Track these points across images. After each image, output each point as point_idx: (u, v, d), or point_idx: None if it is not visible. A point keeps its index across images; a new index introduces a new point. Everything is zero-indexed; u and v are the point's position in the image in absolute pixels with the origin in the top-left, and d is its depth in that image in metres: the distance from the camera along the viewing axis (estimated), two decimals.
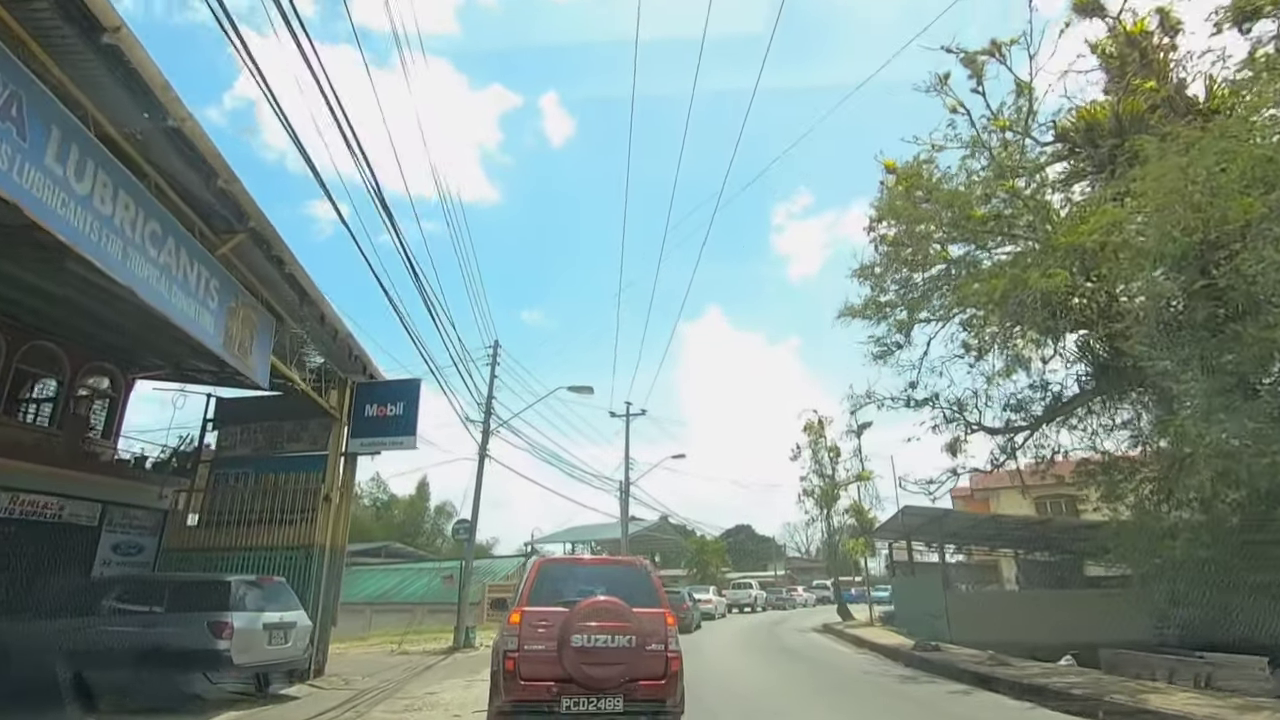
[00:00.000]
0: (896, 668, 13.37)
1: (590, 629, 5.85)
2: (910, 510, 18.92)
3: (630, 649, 5.84)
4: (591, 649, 5.78)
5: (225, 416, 12.82)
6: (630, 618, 5.93)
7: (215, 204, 6.60)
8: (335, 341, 10.23)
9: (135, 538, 11.58)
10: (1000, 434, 14.90)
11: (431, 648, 17.43)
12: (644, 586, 6.61)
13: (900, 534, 23.54)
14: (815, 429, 28.43)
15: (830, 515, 27.68)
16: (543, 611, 6.09)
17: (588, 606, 5.96)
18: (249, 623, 8.06)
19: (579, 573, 7.21)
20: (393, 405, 11.42)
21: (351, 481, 11.94)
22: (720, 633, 24.19)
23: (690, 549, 50.25)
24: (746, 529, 76.63)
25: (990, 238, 14.72)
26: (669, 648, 6.09)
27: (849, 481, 27.22)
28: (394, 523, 56.72)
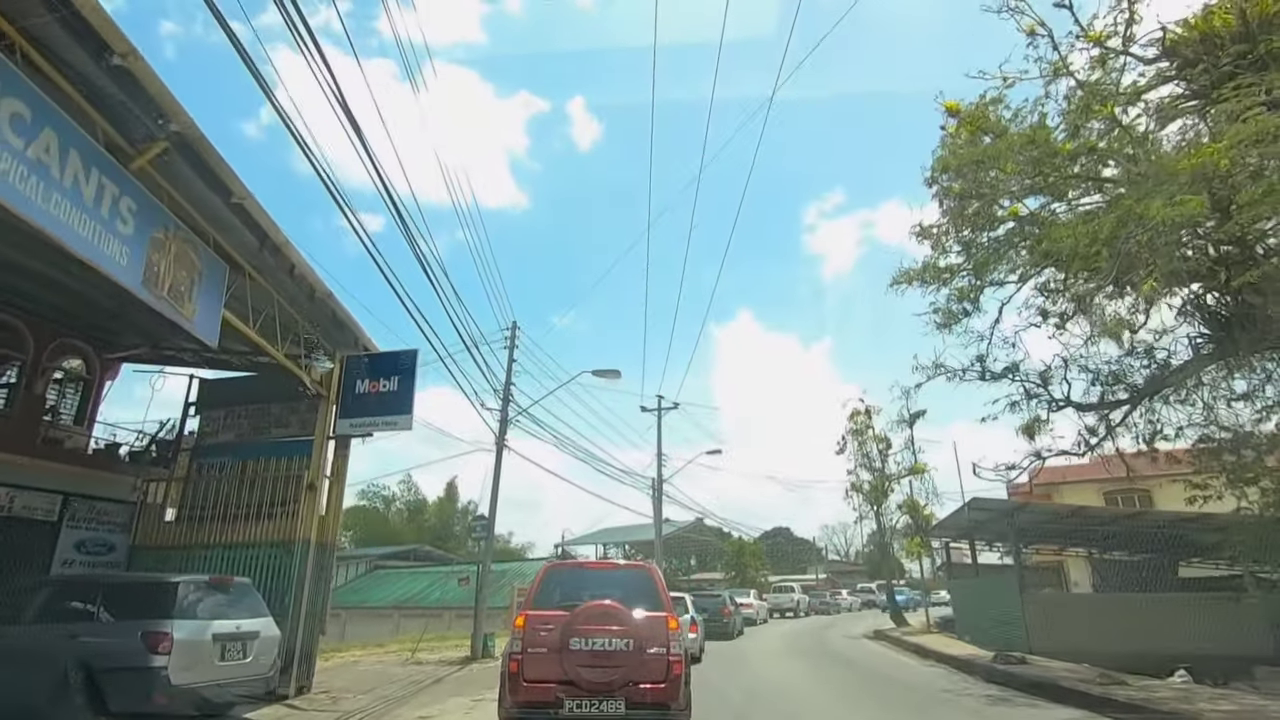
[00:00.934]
0: (977, 684, 11.37)
1: (588, 632, 5.92)
2: (978, 504, 16.80)
3: (628, 652, 5.87)
4: (589, 652, 5.87)
5: (208, 400, 11.49)
6: (628, 621, 6.00)
7: (116, 92, 5.09)
8: (313, 302, 8.74)
9: (105, 534, 10.27)
10: (1092, 410, 12.77)
11: (449, 656, 15.93)
12: (647, 590, 6.62)
13: (961, 532, 21.34)
14: (862, 418, 26.30)
15: (881, 512, 25.51)
16: (546, 615, 6.18)
17: (586, 610, 6.03)
18: (194, 633, 6.56)
19: (584, 577, 7.20)
20: (386, 380, 9.91)
21: (344, 469, 10.45)
22: (764, 639, 22.27)
23: (728, 551, 48.18)
24: (784, 531, 74.57)
25: (1074, 185, 12.65)
26: (670, 651, 6.05)
27: (901, 475, 25.03)
28: (425, 526, 55.88)
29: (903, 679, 12.44)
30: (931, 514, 23.26)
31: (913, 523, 23.73)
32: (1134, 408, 12.38)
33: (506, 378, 16.95)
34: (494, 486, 16.10)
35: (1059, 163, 11.56)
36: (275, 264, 7.80)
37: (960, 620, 21.69)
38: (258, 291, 8.06)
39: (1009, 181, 12.47)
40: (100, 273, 5.42)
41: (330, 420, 9.96)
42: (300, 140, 6.25)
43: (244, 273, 7.64)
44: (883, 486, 25.47)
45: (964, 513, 17.32)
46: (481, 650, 14.96)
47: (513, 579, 36.19)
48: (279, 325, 8.54)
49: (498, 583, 36.60)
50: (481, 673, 13.08)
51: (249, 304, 7.88)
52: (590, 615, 6.00)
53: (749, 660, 15.52)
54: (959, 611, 22.27)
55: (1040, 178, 12.42)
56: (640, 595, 6.49)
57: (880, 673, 13.31)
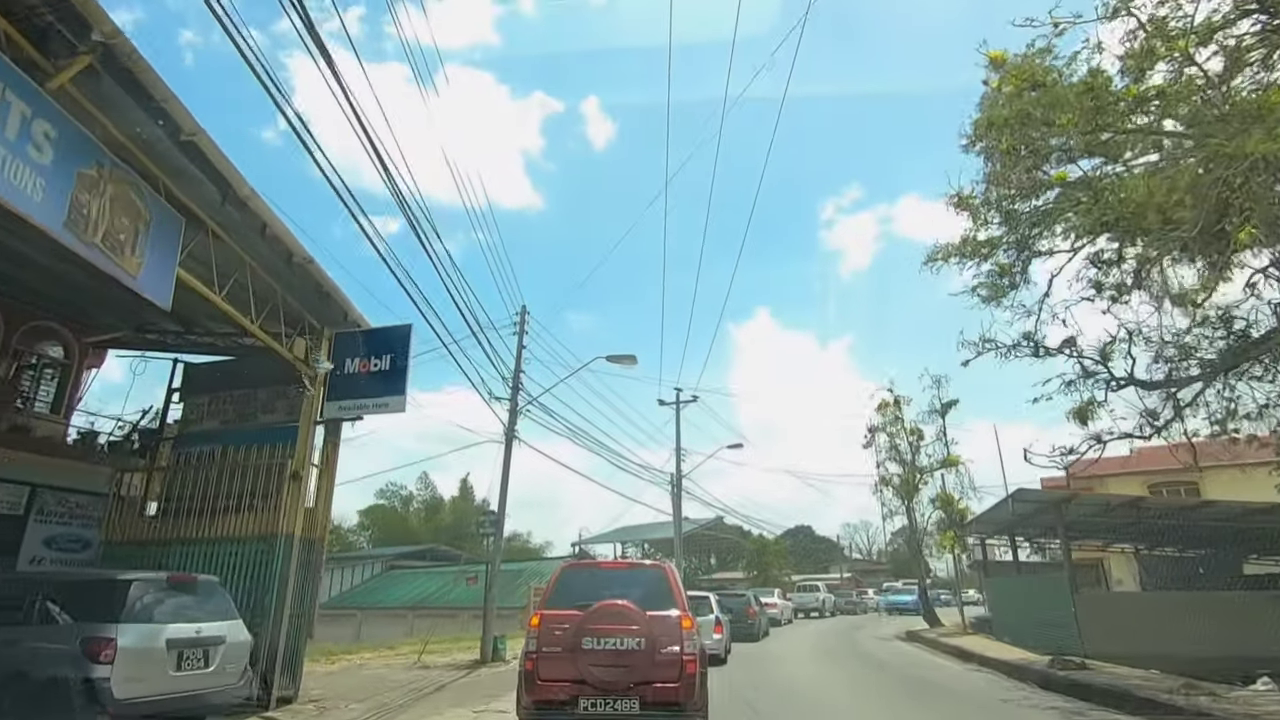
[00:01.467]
0: (1036, 693, 10.21)
1: (600, 631, 5.93)
2: (1024, 496, 15.58)
3: (640, 651, 5.85)
4: (600, 651, 5.88)
5: (193, 386, 10.67)
6: (640, 621, 5.95)
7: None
8: (291, 268, 7.83)
9: (78, 530, 9.49)
10: (1159, 389, 11.54)
11: (457, 660, 15.05)
12: (662, 589, 6.60)
13: (1000, 527, 20.07)
14: (891, 409, 25.05)
15: (912, 507, 24.23)
16: (561, 614, 6.20)
17: (598, 610, 6.01)
18: (143, 639, 5.67)
19: (599, 577, 7.19)
20: (377, 358, 9.00)
21: (334, 456, 9.57)
22: (791, 641, 21.16)
23: (750, 549, 47.00)
24: (806, 530, 73.21)
25: (1134, 142, 11.44)
26: (684, 650, 6.02)
27: (934, 468, 23.75)
28: (442, 525, 55.32)
29: (950, 686, 11.31)
30: (967, 508, 22.00)
31: (946, 518, 22.45)
32: (1207, 385, 11.15)
33: (516, 365, 16.03)
34: (503, 480, 15.20)
35: (1121, 110, 10.37)
36: (243, 221, 6.89)
37: (998, 621, 20.49)
38: (225, 254, 7.17)
39: (1062, 137, 11.27)
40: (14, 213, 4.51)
41: (317, 403, 9.06)
42: (300, 135, 5.51)
43: (206, 230, 6.74)
44: (913, 480, 24.21)
45: (1007, 506, 16.11)
46: (491, 653, 14.04)
47: (529, 578, 35.33)
48: (253, 294, 7.63)
49: (514, 582, 35.80)
50: (490, 679, 12.16)
51: (214, 267, 6.98)
52: (602, 615, 5.99)
53: (778, 664, 14.45)
54: (997, 611, 21.05)
55: (1095, 133, 11.23)
56: (655, 595, 6.48)
57: (923, 679, 12.18)
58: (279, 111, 5.74)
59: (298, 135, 6.01)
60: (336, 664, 16.77)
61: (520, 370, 16.03)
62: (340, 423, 9.71)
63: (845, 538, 79.29)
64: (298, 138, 6.02)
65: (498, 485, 15.21)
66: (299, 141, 6.00)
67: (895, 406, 25.11)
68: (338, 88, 6.01)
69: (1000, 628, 20.00)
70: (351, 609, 38.08)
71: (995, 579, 22.74)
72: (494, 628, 18.00)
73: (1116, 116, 10.57)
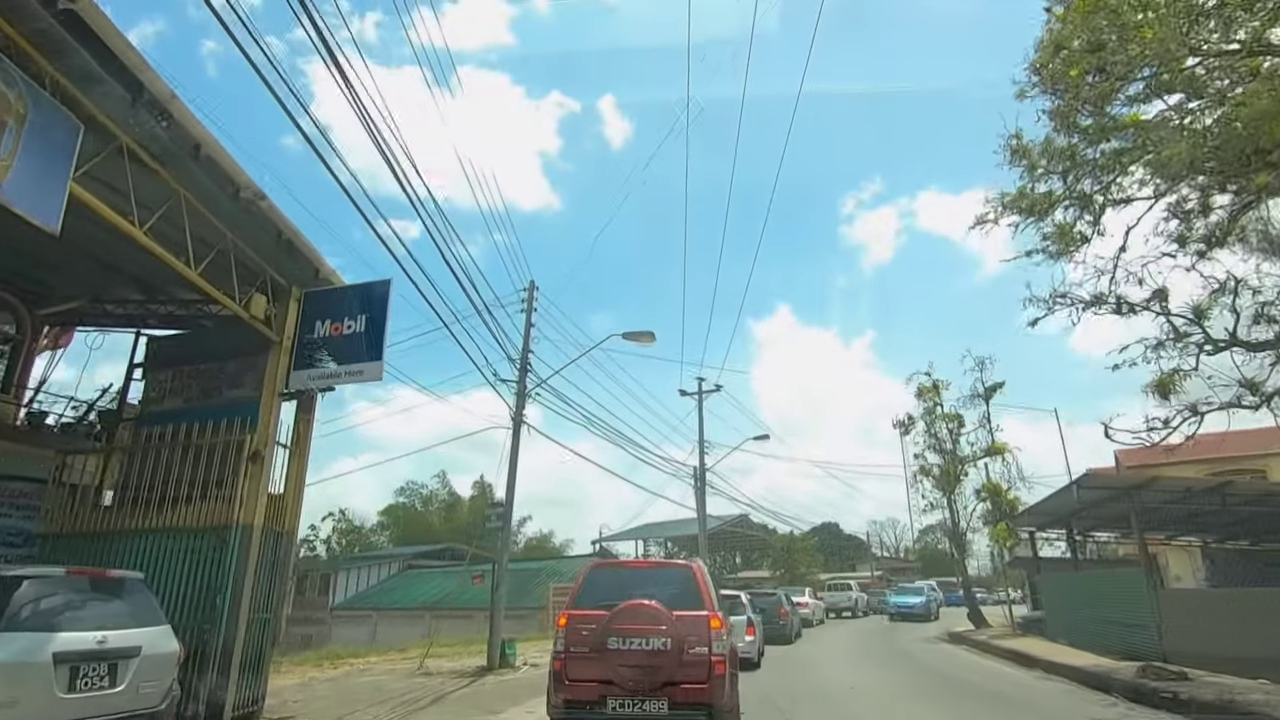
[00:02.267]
0: (1132, 710, 8.61)
1: (626, 631, 5.86)
2: (1091, 481, 13.91)
3: (665, 652, 5.76)
4: (626, 651, 5.80)
5: (156, 360, 9.48)
6: (666, 620, 5.85)
7: None
8: (239, 206, 6.54)
9: (19, 521, 8.34)
10: (1268, 350, 9.87)
11: (464, 665, 13.76)
12: (689, 589, 6.47)
13: (1057, 518, 18.34)
14: (930, 393, 23.34)
15: (954, 499, 22.52)
16: (588, 614, 6.15)
17: (623, 610, 5.93)
18: (19, 654, 4.38)
19: (626, 576, 7.09)
20: (352, 320, 7.70)
21: (307, 435, 8.29)
22: (826, 643, 19.63)
23: (777, 546, 45.36)
24: (832, 527, 71.29)
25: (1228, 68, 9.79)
26: (713, 651, 5.89)
27: (977, 457, 22.02)
28: (460, 524, 54.50)
29: (1023, 698, 9.73)
30: (1016, 499, 20.24)
31: (994, 510, 20.70)
32: None
33: (524, 343, 14.72)
34: (511, 469, 13.89)
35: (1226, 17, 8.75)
36: (170, 138, 5.60)
37: (1052, 621, 18.80)
38: (149, 181, 5.88)
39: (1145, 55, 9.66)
40: None
41: (281, 371, 7.78)
42: (306, 136, 4.17)
43: (120, 147, 5.46)
44: (954, 470, 22.49)
45: (1070, 493, 14.42)
46: (499, 659, 12.72)
47: (547, 577, 34.13)
48: (190, 235, 6.34)
49: (531, 581, 34.58)
50: (494, 688, 10.84)
51: (133, 196, 5.69)
52: (627, 615, 5.91)
53: (816, 669, 12.97)
54: (1051, 611, 19.33)
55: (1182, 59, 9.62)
56: (683, 594, 6.33)
57: (990, 690, 10.62)
58: (298, 128, 4.49)
59: (307, 137, 4.76)
60: (340, 669, 15.67)
61: (529, 350, 14.73)
62: (313, 397, 8.43)
63: (872, 535, 77.31)
64: (307, 138, 4.80)
65: (506, 475, 13.88)
66: (304, 135, 4.79)
67: (934, 392, 23.41)
68: (355, 103, 5.36)
69: (1055, 628, 18.34)
70: (368, 609, 37.17)
71: (1050, 575, 20.98)
72: (504, 630, 16.72)
73: (1216, 27, 8.97)
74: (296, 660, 17.95)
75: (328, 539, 56.73)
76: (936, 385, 23.35)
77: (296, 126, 6.24)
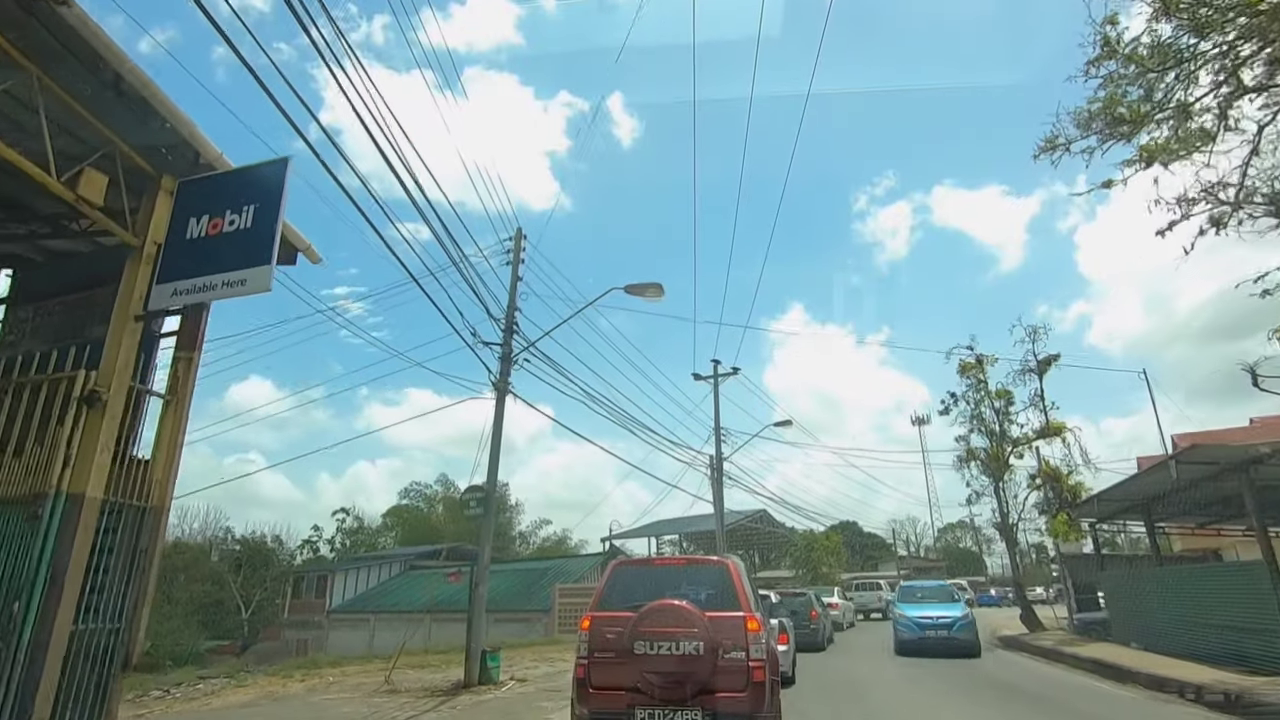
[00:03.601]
0: None
1: (653, 635, 5.40)
2: (1197, 455, 11.42)
3: (698, 657, 5.28)
4: (654, 656, 5.35)
5: (21, 294, 7.35)
6: (698, 623, 5.36)
7: None
8: (55, 32, 4.34)
9: None
10: None
11: (438, 680, 11.56)
12: (724, 588, 5.92)
13: (1129, 504, 15.85)
14: (974, 369, 20.85)
15: (1002, 487, 20.02)
16: (613, 616, 5.71)
17: (651, 611, 5.48)
18: None
19: (654, 575, 6.50)
20: (236, 214, 5.49)
21: (187, 379, 6.05)
22: (863, 651, 17.19)
23: (799, 544, 42.90)
24: (852, 526, 68.84)
25: None
26: (750, 656, 5.38)
27: (1029, 439, 19.51)
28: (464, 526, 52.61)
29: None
30: (1080, 485, 17.73)
31: (1053, 497, 18.19)
32: None
33: (510, 300, 12.50)
34: (494, 444, 11.65)
35: None
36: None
37: (1121, 623, 16.43)
38: None
39: None
40: None
41: (141, 286, 5.58)
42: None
43: None
44: (1002, 455, 19.99)
45: (1166, 472, 11.95)
46: (479, 673, 10.46)
47: (555, 577, 31.88)
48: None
49: (539, 582, 32.33)
50: (471, 711, 8.58)
51: None
52: (655, 616, 5.43)
53: (865, 689, 10.59)
54: (1120, 612, 16.89)
55: None
56: (717, 594, 5.83)
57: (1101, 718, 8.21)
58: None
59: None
60: (306, 682, 13.76)
61: (515, 307, 12.49)
62: (198, 328, 6.22)
63: (894, 534, 74.80)
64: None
65: (489, 453, 11.64)
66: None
67: (978, 368, 20.92)
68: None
69: (1126, 631, 15.96)
70: (366, 613, 35.10)
71: (1118, 572, 18.49)
72: (505, 635, 14.76)
73: None
74: (271, 671, 16.12)
75: (332, 539, 55.08)
76: (981, 360, 20.86)
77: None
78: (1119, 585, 17.34)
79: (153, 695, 13.00)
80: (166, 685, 13.89)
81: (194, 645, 33.89)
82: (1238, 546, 23.09)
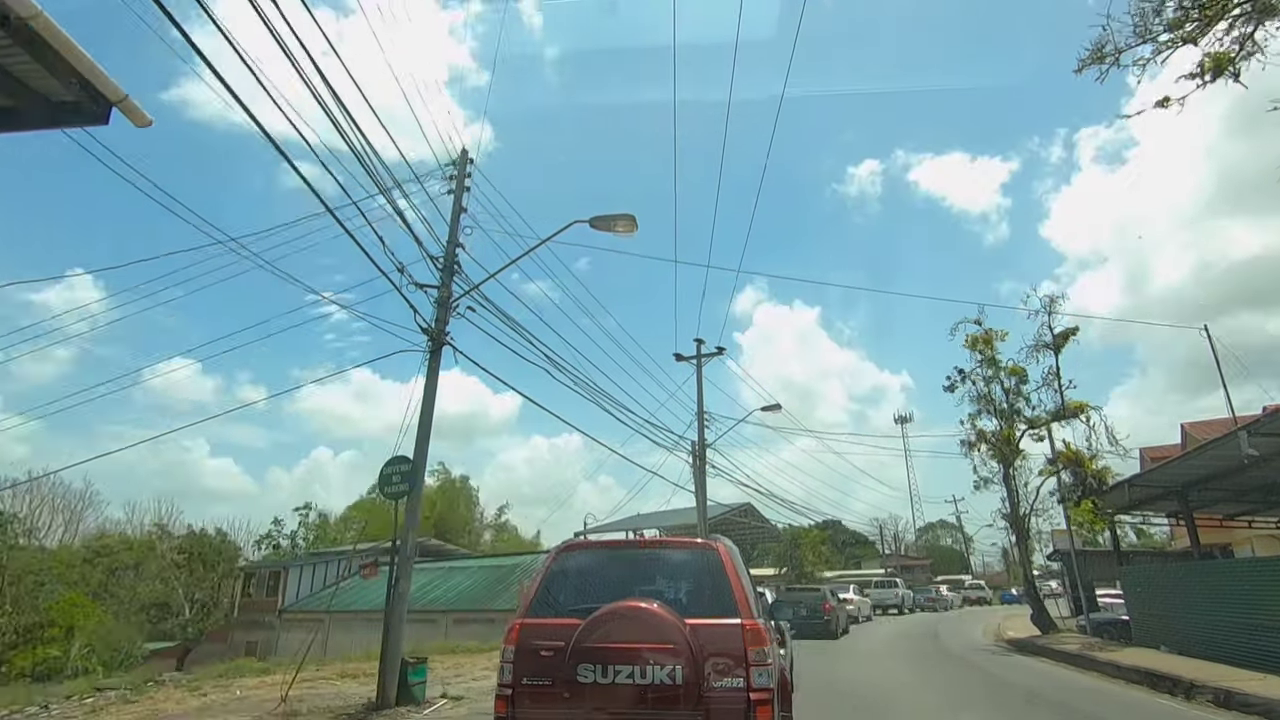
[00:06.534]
0: None
1: (606, 654, 3.75)
2: (1271, 426, 9.49)
3: (673, 686, 3.65)
4: (608, 686, 3.70)
5: None
6: (674, 634, 3.73)
7: None
8: None
9: None
10: None
11: (356, 694, 9.30)
12: (712, 582, 4.16)
13: (1163, 490, 14.00)
14: (981, 345, 18.95)
15: (1014, 473, 18.12)
16: (549, 624, 4.03)
17: (602, 617, 3.81)
18: None
19: (614, 562, 4.60)
20: None
21: None
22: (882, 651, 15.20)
23: (784, 539, 41.06)
24: (835, 524, 67.48)
25: None
26: (752, 682, 3.68)
27: (1044, 421, 17.63)
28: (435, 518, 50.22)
29: None
30: (1106, 470, 15.85)
31: (1074, 483, 16.29)
32: None
33: (451, 232, 10.28)
34: (425, 405, 9.40)
35: None
36: None
37: (1145, 624, 14.73)
38: None
39: None
40: None
41: None
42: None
43: None
44: (1013, 437, 18.09)
45: (1232, 446, 10.03)
46: (398, 691, 8.20)
47: (522, 576, 29.59)
48: None
49: (505, 580, 30.02)
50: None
51: None
52: (612, 625, 3.76)
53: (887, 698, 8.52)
54: (1145, 612, 15.10)
55: None
56: (701, 590, 4.12)
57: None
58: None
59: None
60: (209, 696, 11.60)
61: (457, 243, 10.26)
62: None
63: (873, 533, 73.88)
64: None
65: (419, 418, 9.39)
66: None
67: (986, 343, 19.01)
68: None
69: (1152, 634, 14.29)
70: (319, 613, 32.48)
71: (1144, 569, 16.69)
72: (455, 637, 12.42)
73: None
74: (188, 680, 14.01)
75: (293, 534, 52.19)
76: (990, 335, 18.95)
77: None
78: (1145, 582, 15.53)
79: (27, 712, 10.99)
80: (56, 697, 12.07)
81: (128, 649, 31.12)
82: (1253, 541, 21.47)
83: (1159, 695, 9.44)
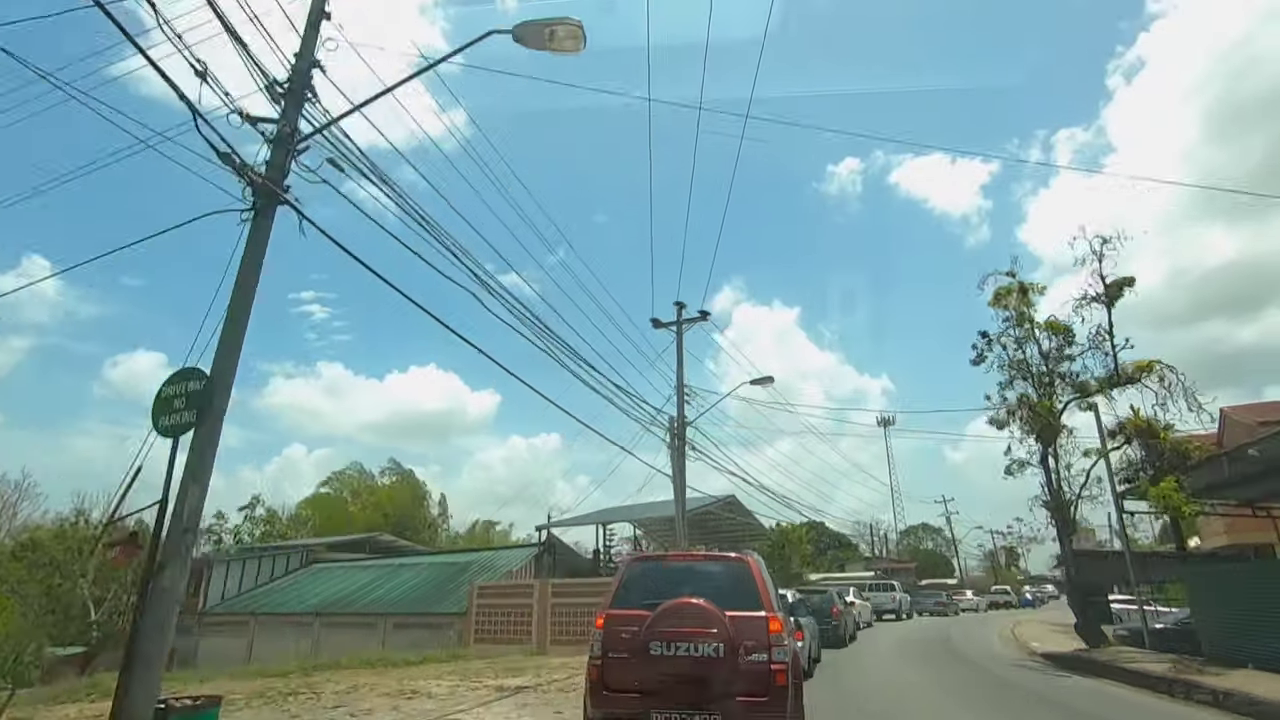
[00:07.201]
0: None
1: (669, 635, 5.30)
2: None
3: (717, 659, 5.16)
4: (670, 658, 5.23)
5: None
6: (717, 622, 5.25)
7: None
8: None
9: None
10: None
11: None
12: (743, 586, 5.83)
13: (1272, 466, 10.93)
14: (1014, 299, 15.78)
15: (1055, 451, 14.93)
16: (628, 614, 5.63)
17: (667, 610, 5.39)
18: None
19: (670, 572, 6.28)
20: None
21: None
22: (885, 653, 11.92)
23: (772, 537, 37.99)
24: (818, 526, 64.77)
25: None
26: (773, 658, 5.24)
27: (1096, 390, 14.47)
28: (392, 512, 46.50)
29: None
30: (1189, 440, 12.70)
31: (1146, 460, 13.10)
32: None
33: (306, 40, 6.81)
34: (241, 288, 5.89)
35: None
36: None
37: (1220, 637, 12.00)
38: None
39: None
40: None
41: None
42: None
43: None
44: (1054, 410, 14.91)
45: None
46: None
47: (478, 573, 25.96)
48: None
49: (458, 578, 26.25)
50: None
51: None
52: (671, 615, 5.34)
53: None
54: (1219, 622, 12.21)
55: None
56: (737, 592, 5.72)
57: None
58: None
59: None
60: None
61: (313, 58, 6.80)
62: None
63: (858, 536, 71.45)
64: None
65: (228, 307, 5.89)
66: None
67: (1021, 296, 15.85)
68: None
69: (1226, 647, 11.65)
70: (246, 615, 28.54)
71: (1216, 568, 13.65)
72: (411, 641, 8.42)
73: None
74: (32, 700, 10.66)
75: (236, 529, 47.95)
76: (1025, 287, 15.78)
77: None
78: (1212, 586, 12.54)
79: None
80: None
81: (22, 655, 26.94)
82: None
83: None
